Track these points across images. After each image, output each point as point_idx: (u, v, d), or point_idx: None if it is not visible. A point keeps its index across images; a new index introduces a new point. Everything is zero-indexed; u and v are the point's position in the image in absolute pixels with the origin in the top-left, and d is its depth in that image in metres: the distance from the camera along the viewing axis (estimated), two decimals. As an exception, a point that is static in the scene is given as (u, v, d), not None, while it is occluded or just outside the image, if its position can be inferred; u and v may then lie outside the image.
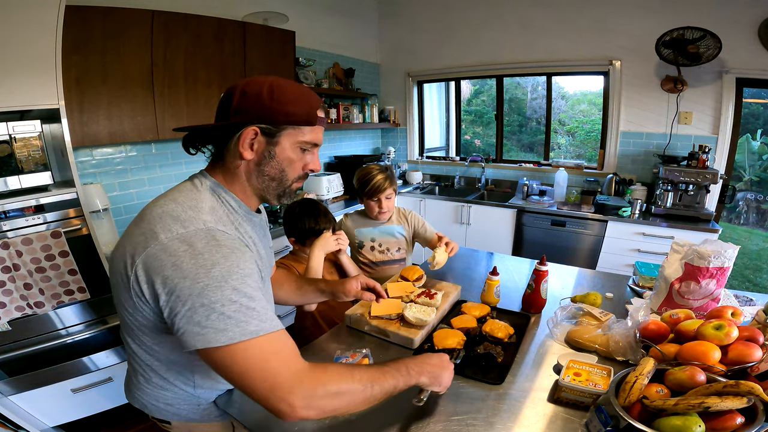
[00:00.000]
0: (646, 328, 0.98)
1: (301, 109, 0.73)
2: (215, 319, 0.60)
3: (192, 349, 0.61)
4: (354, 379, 0.68)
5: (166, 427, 0.91)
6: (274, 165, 0.76)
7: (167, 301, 0.62)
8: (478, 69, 3.53)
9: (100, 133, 1.83)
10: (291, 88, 0.74)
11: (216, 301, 0.60)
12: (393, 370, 0.75)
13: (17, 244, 1.43)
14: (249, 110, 0.71)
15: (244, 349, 0.61)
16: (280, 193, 0.80)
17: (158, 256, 0.63)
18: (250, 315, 0.62)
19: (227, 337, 0.60)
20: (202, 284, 0.61)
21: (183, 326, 0.61)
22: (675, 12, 2.58)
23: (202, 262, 0.62)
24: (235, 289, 0.62)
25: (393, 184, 1.62)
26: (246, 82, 0.73)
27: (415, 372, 0.78)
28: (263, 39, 2.44)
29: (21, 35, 1.37)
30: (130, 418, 1.90)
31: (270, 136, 0.73)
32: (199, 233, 0.65)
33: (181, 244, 0.63)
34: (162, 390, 0.84)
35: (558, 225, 2.89)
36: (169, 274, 0.62)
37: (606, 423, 0.73)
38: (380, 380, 0.71)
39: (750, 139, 4.57)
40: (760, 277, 4.14)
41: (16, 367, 1.52)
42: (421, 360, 0.82)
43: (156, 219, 0.67)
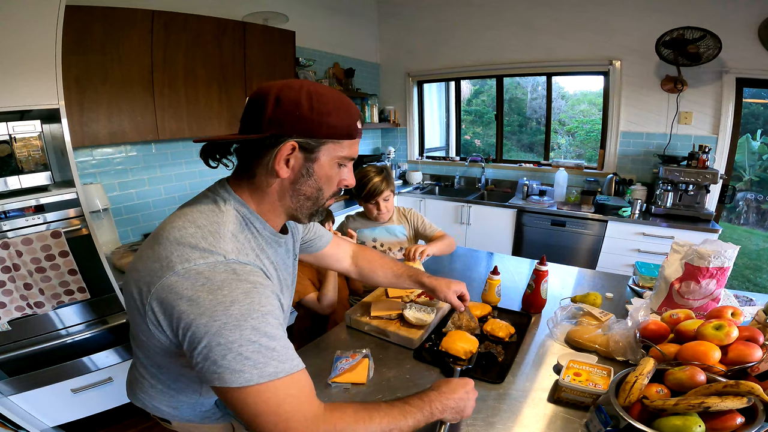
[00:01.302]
0: (646, 328, 0.98)
1: (342, 121, 0.67)
2: (232, 360, 0.57)
3: (208, 385, 0.59)
4: (373, 423, 0.65)
5: (167, 425, 0.91)
6: (311, 183, 0.69)
7: (184, 335, 0.59)
8: (478, 69, 3.53)
9: (100, 133, 1.83)
10: (331, 96, 0.67)
11: (234, 341, 0.57)
12: (415, 409, 0.72)
13: (17, 244, 1.43)
14: (286, 121, 0.63)
15: (259, 391, 0.58)
16: (313, 212, 0.75)
17: (174, 289, 0.59)
18: (270, 356, 0.59)
19: (244, 379, 0.57)
20: (220, 322, 0.57)
21: (200, 362, 0.58)
22: (675, 12, 2.58)
23: (221, 299, 0.58)
24: (255, 328, 0.58)
25: (390, 185, 1.62)
26: (280, 87, 0.64)
27: (438, 410, 0.75)
28: (263, 39, 2.43)
29: (21, 35, 1.37)
30: (129, 418, 1.90)
31: (309, 151, 0.66)
32: (218, 266, 0.60)
33: (199, 277, 0.59)
34: (167, 395, 0.83)
35: (558, 225, 2.89)
36: (185, 308, 0.58)
37: (606, 423, 0.73)
38: (400, 422, 0.69)
39: (750, 139, 4.57)
40: (760, 277, 4.14)
41: (16, 367, 1.52)
42: (447, 395, 0.77)
43: (173, 245, 0.62)
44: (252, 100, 0.67)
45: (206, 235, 0.63)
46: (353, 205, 3.03)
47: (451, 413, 0.77)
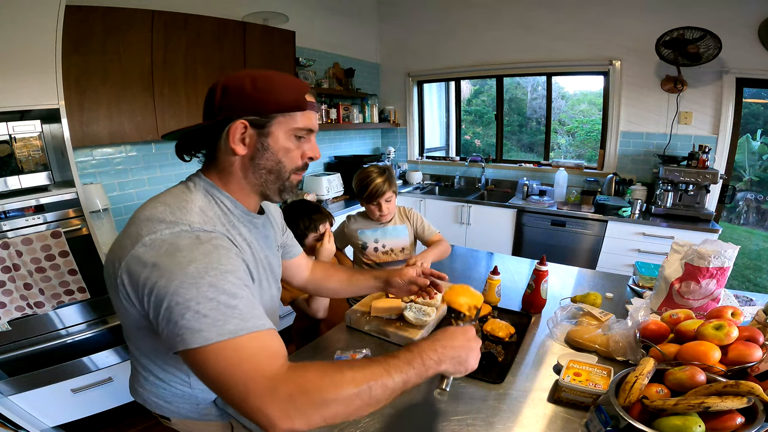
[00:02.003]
0: (646, 328, 0.98)
1: (289, 95, 0.71)
2: (190, 318, 0.56)
3: (173, 351, 0.57)
4: (344, 382, 0.57)
5: (167, 423, 0.91)
6: (269, 157, 0.73)
7: (149, 302, 0.59)
8: (478, 69, 3.53)
9: (100, 133, 1.83)
10: (275, 77, 0.72)
11: (191, 299, 0.56)
12: (402, 362, 0.63)
13: (17, 244, 1.43)
14: (234, 105, 0.69)
15: (218, 350, 0.55)
16: (281, 188, 0.77)
17: (140, 258, 0.61)
18: (229, 314, 0.57)
19: (203, 338, 0.55)
20: (177, 281, 0.57)
21: (163, 327, 0.58)
22: (675, 12, 2.58)
23: (180, 260, 0.59)
24: (212, 285, 0.58)
25: (392, 185, 1.60)
26: (226, 78, 0.71)
27: (433, 362, 0.66)
28: (263, 39, 2.44)
29: (21, 35, 1.37)
30: (129, 418, 1.90)
31: (260, 127, 0.70)
32: (183, 234, 0.62)
33: (163, 244, 0.61)
34: (160, 388, 0.84)
35: (558, 225, 2.89)
36: (148, 274, 0.59)
37: (606, 423, 0.73)
38: (382, 378, 0.60)
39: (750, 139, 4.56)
40: (760, 277, 4.14)
41: (16, 367, 1.52)
42: (443, 344, 0.69)
43: (143, 222, 0.65)
44: (209, 92, 0.73)
45: (174, 210, 0.66)
46: (354, 204, 3.03)
47: (451, 365, 0.68)
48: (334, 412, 0.55)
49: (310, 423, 0.54)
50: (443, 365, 0.67)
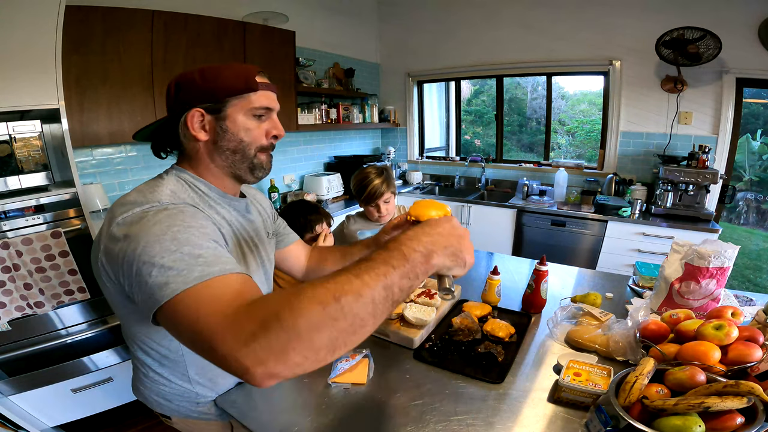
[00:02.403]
0: (646, 328, 0.98)
1: (236, 78, 0.74)
2: (156, 275, 0.53)
3: (150, 316, 0.55)
4: (306, 304, 0.45)
5: (167, 422, 0.92)
6: (229, 138, 0.76)
7: (124, 273, 0.59)
8: (478, 69, 3.53)
9: (100, 133, 1.83)
10: (222, 66, 0.76)
11: (155, 255, 0.55)
12: (377, 263, 0.49)
13: (17, 244, 1.43)
14: (187, 97, 0.74)
15: (185, 299, 0.51)
16: (250, 166, 0.79)
17: (114, 235, 0.62)
18: (194, 262, 0.54)
19: (170, 290, 0.52)
20: (143, 243, 0.57)
21: (136, 294, 0.57)
22: (675, 12, 2.58)
23: (145, 224, 0.60)
24: (175, 239, 0.57)
25: (391, 186, 1.59)
26: (177, 76, 0.77)
27: (419, 254, 0.52)
28: (263, 39, 2.44)
29: (21, 35, 1.37)
30: (130, 418, 1.90)
31: (216, 112, 0.74)
32: (151, 209, 0.64)
33: (132, 218, 0.63)
34: (160, 385, 0.85)
35: (558, 225, 2.89)
36: (120, 246, 0.60)
37: (606, 423, 0.73)
38: (353, 289, 0.46)
39: (750, 139, 4.56)
40: (760, 277, 4.13)
41: (16, 367, 1.52)
42: (425, 231, 0.55)
43: (116, 207, 0.68)
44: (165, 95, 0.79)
45: (146, 194, 0.69)
46: (353, 205, 3.03)
47: (444, 256, 0.54)
48: (308, 343, 0.44)
49: (289, 363, 0.44)
50: (435, 258, 0.53)
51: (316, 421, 0.85)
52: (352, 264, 0.50)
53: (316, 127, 3.07)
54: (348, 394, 0.93)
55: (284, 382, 0.96)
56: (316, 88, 3.02)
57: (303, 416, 0.87)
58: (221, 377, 0.90)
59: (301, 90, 2.86)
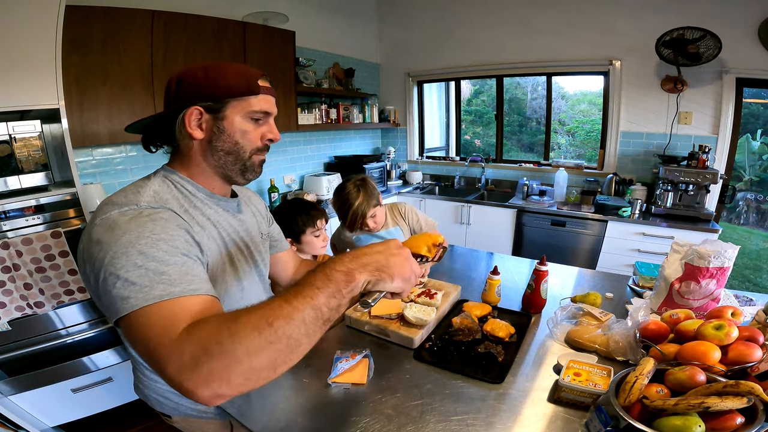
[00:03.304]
0: (646, 328, 0.98)
1: (239, 81, 0.74)
2: (120, 287, 0.55)
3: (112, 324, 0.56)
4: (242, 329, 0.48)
5: (168, 420, 0.92)
6: (225, 139, 0.76)
7: (95, 277, 0.59)
8: (478, 69, 3.53)
9: (100, 133, 1.83)
10: (227, 66, 0.76)
11: (121, 267, 0.56)
12: (305, 287, 0.53)
13: (17, 244, 1.43)
14: (187, 94, 0.73)
15: (141, 316, 0.52)
16: (242, 168, 0.80)
17: (90, 237, 0.62)
18: (157, 280, 0.55)
19: (129, 305, 0.53)
20: (111, 253, 0.57)
21: (102, 300, 0.58)
22: (675, 12, 2.58)
23: (116, 233, 0.59)
24: (142, 253, 0.57)
25: (373, 200, 1.47)
26: (180, 72, 0.75)
27: (341, 274, 0.55)
28: (263, 39, 2.44)
29: (21, 35, 1.37)
30: (129, 418, 1.90)
31: (215, 111, 0.74)
32: (128, 212, 0.64)
33: (108, 222, 0.62)
34: (157, 383, 0.85)
35: (558, 225, 2.89)
36: (92, 250, 0.60)
37: (606, 423, 0.73)
38: (283, 312, 0.50)
39: (750, 139, 4.56)
40: (760, 277, 4.13)
41: (16, 367, 1.52)
42: (351, 254, 0.59)
43: (99, 208, 0.67)
44: (165, 90, 0.77)
45: (128, 195, 0.69)
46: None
47: (368, 273, 0.57)
48: (246, 365, 0.47)
49: (229, 384, 0.47)
50: (357, 275, 0.55)
51: (316, 421, 0.85)
52: (285, 290, 0.55)
53: (316, 127, 3.07)
54: (348, 394, 0.93)
55: (284, 381, 0.97)
56: (316, 88, 3.02)
57: (303, 416, 0.87)
58: None
59: (301, 90, 2.86)
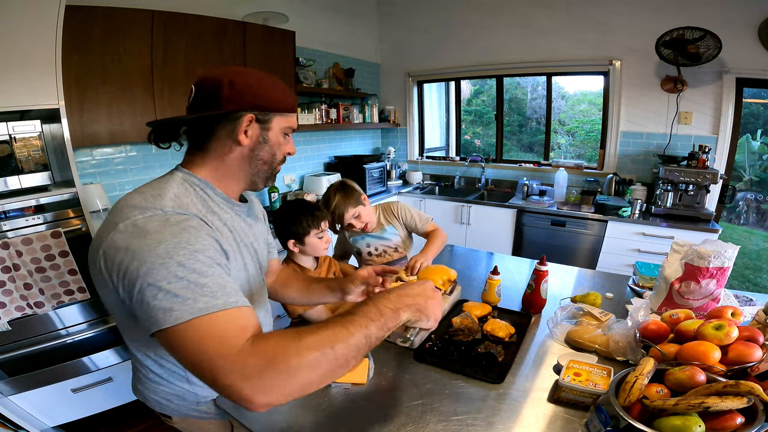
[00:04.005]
0: (646, 328, 0.98)
1: (286, 97, 0.79)
2: (162, 299, 0.56)
3: (149, 333, 0.58)
4: (306, 347, 0.56)
5: (168, 421, 0.92)
6: (267, 149, 0.79)
7: (124, 286, 0.60)
8: (478, 69, 3.53)
9: (100, 133, 1.83)
10: (276, 79, 0.79)
11: (161, 279, 0.57)
12: (359, 316, 0.63)
13: (17, 244, 1.43)
14: (242, 99, 0.73)
15: (189, 329, 0.55)
16: (268, 176, 0.83)
17: (114, 244, 0.61)
18: (200, 292, 0.57)
19: (174, 317, 0.55)
20: (148, 263, 0.58)
21: (137, 310, 0.59)
22: (675, 12, 2.58)
23: (149, 242, 0.59)
24: (182, 264, 0.58)
25: (351, 201, 1.50)
26: (230, 72, 0.74)
27: (390, 311, 0.66)
28: (263, 39, 2.44)
29: (21, 35, 1.37)
30: (130, 418, 1.90)
31: (263, 122, 0.76)
32: (154, 217, 0.64)
33: (135, 229, 0.62)
34: (159, 385, 0.85)
35: (558, 225, 2.89)
36: (121, 258, 0.60)
37: (606, 423, 0.73)
38: (342, 336, 0.59)
39: (750, 139, 4.57)
40: (760, 277, 4.13)
41: (16, 367, 1.52)
42: (396, 293, 0.70)
43: (118, 210, 0.67)
44: (202, 85, 0.75)
45: (148, 198, 0.68)
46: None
47: (410, 312, 0.69)
48: (304, 379, 0.55)
49: (285, 393, 0.54)
50: (402, 313, 0.67)
51: (316, 421, 0.85)
52: (340, 316, 0.63)
53: (316, 127, 3.07)
54: (348, 394, 0.93)
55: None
56: (316, 88, 3.02)
57: (303, 416, 0.87)
58: None
59: (301, 90, 2.86)
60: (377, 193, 3.41)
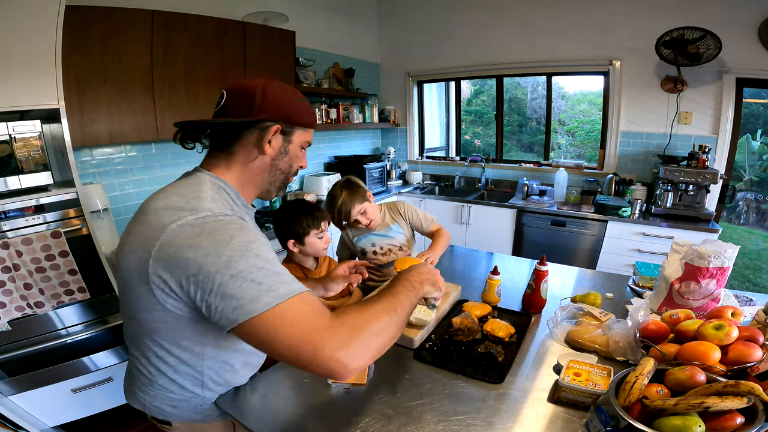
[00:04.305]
0: (646, 328, 0.98)
1: (309, 113, 0.85)
2: (247, 288, 0.60)
3: (233, 325, 0.60)
4: (378, 314, 0.68)
5: (166, 428, 0.91)
6: (286, 160, 0.84)
7: (195, 283, 0.62)
8: (478, 69, 3.53)
9: (100, 133, 1.83)
10: (299, 95, 0.84)
11: (244, 270, 0.61)
12: (401, 288, 0.77)
13: (17, 244, 1.43)
14: (272, 109, 0.77)
15: (279, 313, 0.60)
16: (281, 186, 0.88)
17: (174, 243, 0.63)
18: (278, 279, 0.63)
19: (263, 304, 0.60)
20: (226, 257, 0.61)
21: (218, 303, 0.61)
22: (675, 12, 2.58)
23: (220, 238, 0.63)
24: (258, 255, 0.64)
25: (357, 198, 1.52)
26: (264, 83, 0.78)
27: (417, 283, 0.81)
28: (263, 39, 2.44)
29: (21, 35, 1.37)
30: (129, 418, 1.90)
31: (286, 134, 0.81)
32: (207, 218, 0.67)
33: (193, 228, 0.65)
34: (167, 392, 0.83)
35: (558, 225, 2.89)
36: (190, 255, 0.62)
37: (606, 423, 0.73)
38: (399, 303, 0.73)
39: (750, 139, 4.56)
40: (760, 277, 4.13)
41: (16, 367, 1.51)
42: (415, 271, 0.85)
43: (161, 211, 0.68)
44: (236, 92, 0.78)
45: (189, 200, 0.70)
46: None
47: (428, 285, 0.84)
48: (381, 341, 0.66)
49: (370, 356, 0.64)
50: (424, 285, 0.83)
51: (316, 421, 0.85)
52: (384, 291, 0.77)
53: (316, 127, 3.06)
54: (348, 394, 0.93)
55: (284, 382, 0.98)
56: (316, 88, 3.02)
57: (303, 416, 0.87)
58: (236, 380, 0.91)
59: (301, 90, 2.84)
60: (377, 193, 3.41)
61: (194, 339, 0.76)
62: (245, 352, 0.89)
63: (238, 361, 0.88)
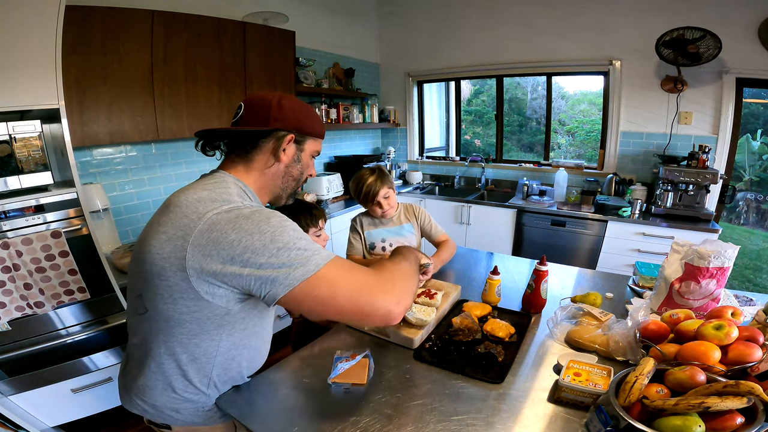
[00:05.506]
0: (646, 328, 0.98)
1: (320, 125, 0.93)
2: (297, 255, 0.68)
3: (289, 289, 0.67)
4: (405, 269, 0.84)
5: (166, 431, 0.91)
6: (298, 168, 0.91)
7: (243, 262, 0.67)
8: (478, 69, 3.53)
9: (100, 133, 1.83)
10: (311, 107, 0.92)
11: (289, 241, 0.68)
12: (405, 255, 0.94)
13: (17, 244, 1.43)
14: (287, 119, 0.84)
15: (331, 270, 0.69)
16: (292, 192, 0.95)
17: (215, 228, 0.68)
18: (316, 247, 0.71)
19: (314, 265, 0.68)
20: (269, 233, 0.68)
21: (271, 273, 0.67)
22: (675, 12, 2.58)
23: (258, 219, 0.70)
24: (295, 229, 0.72)
25: (386, 182, 1.61)
26: (280, 95, 0.86)
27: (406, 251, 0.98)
28: (263, 39, 2.44)
29: (21, 35, 1.37)
30: (129, 418, 1.90)
31: (299, 143, 0.88)
32: (241, 207, 0.73)
33: (230, 214, 0.70)
34: (170, 396, 0.83)
35: (558, 225, 2.89)
36: (234, 237, 0.67)
37: (606, 423, 0.73)
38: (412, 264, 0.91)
39: (750, 139, 4.56)
40: (760, 277, 4.13)
41: (16, 367, 1.51)
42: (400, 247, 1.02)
43: (195, 203, 0.73)
44: (253, 104, 0.85)
45: (219, 195, 0.76)
46: (353, 205, 3.04)
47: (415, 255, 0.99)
48: (410, 290, 0.80)
49: (407, 303, 0.76)
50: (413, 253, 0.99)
51: (316, 422, 0.85)
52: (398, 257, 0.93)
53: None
54: (348, 394, 0.93)
55: (284, 382, 0.98)
56: (316, 88, 3.02)
57: (303, 416, 0.87)
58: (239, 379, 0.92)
59: (301, 90, 2.86)
60: (377, 193, 3.40)
61: (211, 333, 0.78)
62: (252, 348, 0.90)
63: (245, 359, 0.89)
